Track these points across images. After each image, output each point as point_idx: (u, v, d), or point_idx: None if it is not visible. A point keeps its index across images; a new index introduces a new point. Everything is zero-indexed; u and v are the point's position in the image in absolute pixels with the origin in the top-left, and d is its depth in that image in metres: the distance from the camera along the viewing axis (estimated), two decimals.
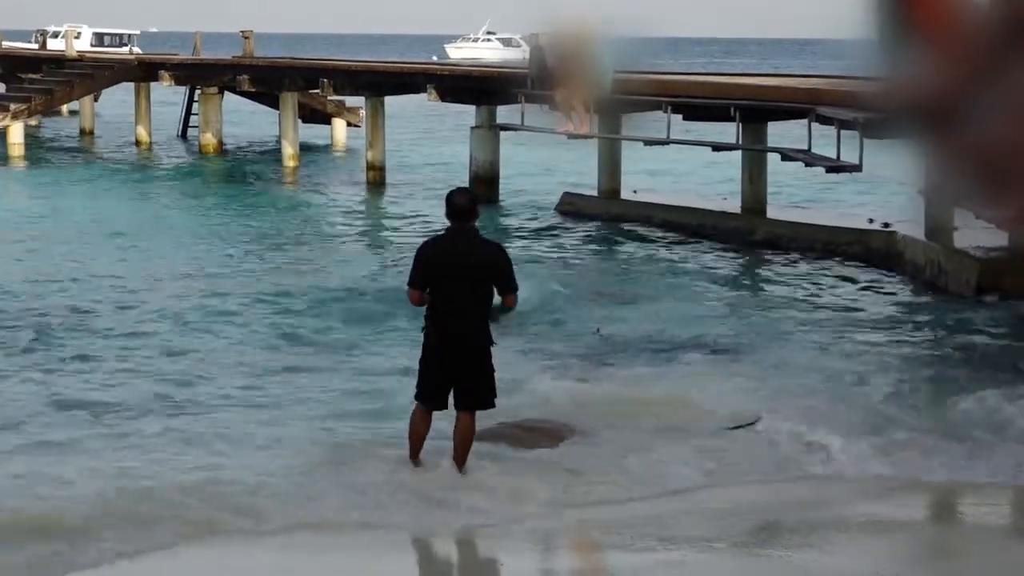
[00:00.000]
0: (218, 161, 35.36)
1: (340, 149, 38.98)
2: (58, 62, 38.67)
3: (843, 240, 20.83)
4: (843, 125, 18.46)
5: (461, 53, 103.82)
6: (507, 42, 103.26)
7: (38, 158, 35.61)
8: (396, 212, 26.88)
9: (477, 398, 9.52)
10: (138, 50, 53.34)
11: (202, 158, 35.77)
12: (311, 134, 38.18)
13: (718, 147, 23.42)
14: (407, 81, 30.12)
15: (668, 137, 22.58)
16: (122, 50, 52.32)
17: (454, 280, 9.38)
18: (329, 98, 36.58)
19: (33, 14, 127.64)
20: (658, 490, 9.60)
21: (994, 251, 17.63)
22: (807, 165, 20.83)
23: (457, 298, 9.40)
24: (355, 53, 79.63)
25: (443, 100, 28.26)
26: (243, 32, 36.71)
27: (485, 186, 26.33)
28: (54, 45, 47.27)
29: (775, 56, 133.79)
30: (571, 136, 23.85)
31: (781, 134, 23.55)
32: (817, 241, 21.15)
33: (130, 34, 70.80)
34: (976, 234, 17.94)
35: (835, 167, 19.63)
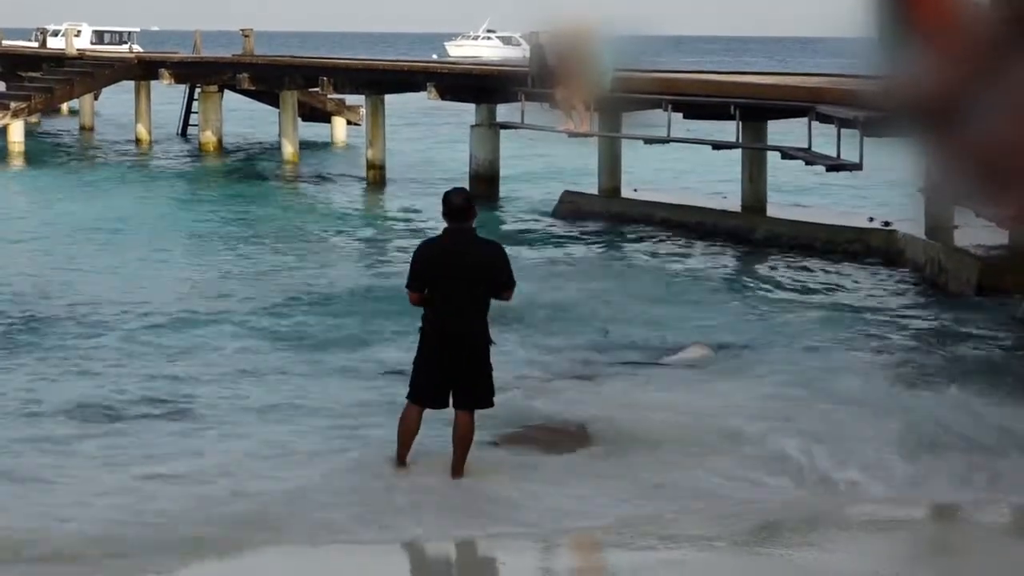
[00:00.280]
0: (218, 159, 35.36)
1: (340, 147, 38.99)
2: (58, 60, 38.64)
3: (843, 239, 20.83)
4: (843, 124, 18.45)
5: (461, 51, 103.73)
6: (507, 40, 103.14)
7: (38, 157, 35.59)
8: (396, 210, 26.87)
9: (476, 398, 9.52)
10: (138, 48, 53.28)
11: (202, 156, 35.78)
12: (311, 132, 38.17)
13: (718, 145, 23.39)
14: (407, 79, 30.11)
15: (668, 136, 22.58)
16: (122, 48, 52.27)
17: (452, 280, 9.37)
18: (329, 96, 36.57)
19: (33, 12, 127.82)
20: (660, 492, 9.58)
21: (995, 249, 17.62)
22: (807, 164, 20.82)
23: (455, 298, 9.39)
24: (355, 51, 79.66)
25: (443, 98, 28.20)
26: (243, 30, 36.69)
27: (485, 184, 26.33)
28: (54, 43, 47.21)
29: (779, 54, 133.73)
30: (571, 135, 23.82)
31: (781, 132, 23.54)
32: (817, 240, 21.14)
33: (130, 32, 70.95)
34: (976, 232, 17.93)
35: (835, 166, 19.61)
